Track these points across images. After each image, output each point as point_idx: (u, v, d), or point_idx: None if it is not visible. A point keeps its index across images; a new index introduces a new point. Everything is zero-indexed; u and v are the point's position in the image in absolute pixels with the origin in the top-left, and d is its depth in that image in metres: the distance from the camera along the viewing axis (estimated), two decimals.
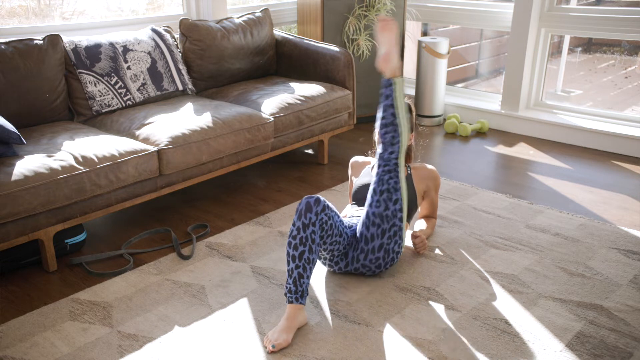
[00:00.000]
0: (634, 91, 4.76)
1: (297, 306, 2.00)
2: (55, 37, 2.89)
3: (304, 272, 2.00)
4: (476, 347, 1.94)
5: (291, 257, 2.02)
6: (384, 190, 2.17)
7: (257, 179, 3.41)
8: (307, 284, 2.01)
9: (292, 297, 2.00)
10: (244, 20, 3.65)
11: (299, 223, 2.04)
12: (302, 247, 2.01)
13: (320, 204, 2.06)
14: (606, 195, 3.13)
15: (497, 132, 4.23)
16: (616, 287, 2.27)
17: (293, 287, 2.00)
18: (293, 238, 2.03)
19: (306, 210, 2.04)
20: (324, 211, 2.07)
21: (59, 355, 1.92)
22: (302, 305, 2.00)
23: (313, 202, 2.06)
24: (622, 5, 3.84)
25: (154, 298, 2.22)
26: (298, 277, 2.00)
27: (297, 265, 2.00)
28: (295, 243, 2.02)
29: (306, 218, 2.03)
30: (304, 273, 2.00)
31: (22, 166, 2.28)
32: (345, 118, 3.61)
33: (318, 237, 2.04)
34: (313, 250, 2.02)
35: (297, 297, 2.00)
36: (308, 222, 2.03)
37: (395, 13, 4.19)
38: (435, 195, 2.60)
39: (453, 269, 2.40)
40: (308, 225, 2.03)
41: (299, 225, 2.03)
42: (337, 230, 2.15)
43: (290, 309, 1.99)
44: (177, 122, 2.79)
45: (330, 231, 2.11)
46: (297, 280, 2.00)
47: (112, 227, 2.85)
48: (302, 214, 2.04)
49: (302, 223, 2.03)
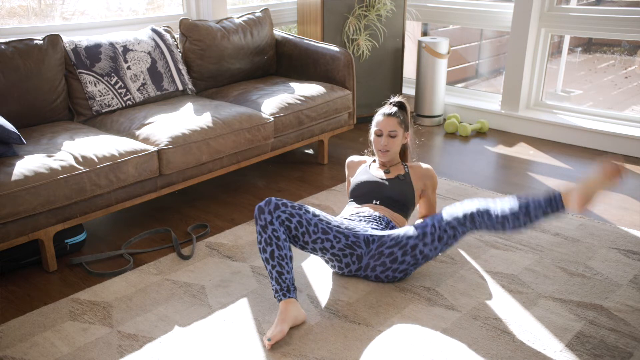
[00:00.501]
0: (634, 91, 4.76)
1: (287, 301, 2.03)
2: (55, 37, 2.89)
3: (282, 268, 2.05)
4: (476, 347, 1.94)
5: (265, 260, 2.08)
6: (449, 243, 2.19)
7: (257, 179, 3.41)
8: (289, 278, 2.05)
9: (279, 295, 2.04)
10: (244, 20, 3.65)
11: (258, 228, 2.09)
12: (270, 247, 2.06)
13: (271, 204, 2.10)
14: (606, 195, 3.13)
15: (497, 132, 4.23)
16: (616, 287, 2.27)
17: (277, 286, 2.04)
18: (259, 243, 2.09)
19: (259, 213, 2.09)
20: (279, 208, 2.09)
21: (59, 355, 1.92)
22: (292, 298, 2.03)
23: (263, 204, 2.10)
24: (622, 5, 3.84)
25: (154, 298, 2.22)
26: (278, 275, 2.04)
27: (272, 265, 2.05)
28: (262, 246, 2.08)
29: (261, 220, 2.08)
30: (282, 270, 2.05)
31: (22, 166, 2.28)
32: (345, 118, 3.61)
33: (282, 234, 2.08)
34: (281, 246, 2.06)
35: (284, 292, 2.03)
36: (265, 223, 2.07)
37: (395, 13, 4.20)
38: (432, 194, 2.60)
39: (453, 269, 2.40)
40: (266, 226, 2.07)
41: (259, 229, 2.09)
42: (315, 227, 2.14)
43: (282, 305, 2.02)
44: (177, 122, 2.79)
45: (302, 228, 2.12)
46: (279, 278, 2.04)
47: (112, 227, 2.85)
48: (257, 219, 2.10)
49: (260, 226, 2.08)
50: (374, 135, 2.52)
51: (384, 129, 2.48)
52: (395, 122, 2.48)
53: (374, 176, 2.51)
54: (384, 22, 4.16)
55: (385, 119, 2.49)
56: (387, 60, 4.30)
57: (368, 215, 2.36)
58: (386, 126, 2.47)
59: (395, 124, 2.47)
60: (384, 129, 2.48)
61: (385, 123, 2.48)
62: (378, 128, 2.49)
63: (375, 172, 2.54)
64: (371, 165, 2.60)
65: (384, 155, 2.50)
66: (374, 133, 2.51)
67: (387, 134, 2.47)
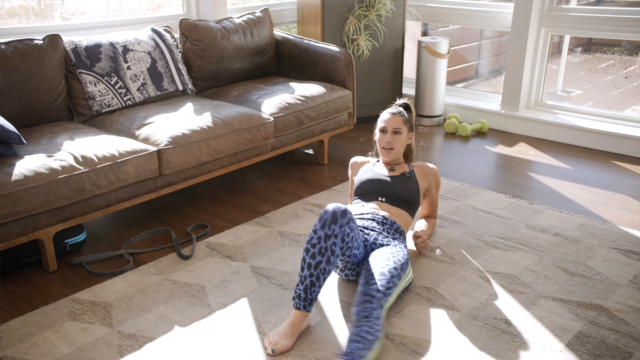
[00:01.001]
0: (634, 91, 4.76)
1: (303, 313, 1.96)
2: (55, 37, 2.89)
3: (317, 281, 1.95)
4: (476, 347, 1.94)
5: (307, 264, 1.95)
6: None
7: (257, 179, 3.41)
8: (317, 292, 1.96)
9: (300, 303, 1.95)
10: (244, 20, 3.65)
11: (321, 232, 1.94)
12: (320, 257, 1.93)
13: (346, 216, 1.97)
14: (606, 195, 3.13)
15: (497, 132, 4.23)
16: (616, 287, 2.27)
17: (303, 294, 1.95)
18: (312, 246, 1.94)
19: (331, 222, 1.94)
20: (349, 224, 1.98)
21: (59, 355, 1.92)
22: (309, 313, 1.98)
23: (340, 214, 1.95)
24: (622, 5, 3.84)
25: (154, 298, 2.22)
26: (310, 285, 1.94)
27: (311, 273, 1.94)
28: (313, 252, 1.94)
29: (329, 229, 1.94)
30: (316, 282, 1.95)
31: (22, 166, 2.28)
32: (345, 118, 3.61)
33: (338, 249, 1.96)
34: (331, 261, 1.95)
35: (305, 304, 1.95)
36: (331, 234, 1.94)
37: (395, 13, 4.19)
38: (435, 194, 2.61)
39: (453, 269, 2.40)
40: (330, 237, 1.94)
41: (321, 234, 1.94)
42: (357, 242, 2.09)
43: (296, 314, 1.96)
44: (177, 122, 2.79)
45: (351, 244, 2.04)
46: (309, 288, 1.95)
47: (112, 227, 2.85)
48: (326, 224, 1.94)
49: (325, 234, 1.94)
50: (378, 133, 2.53)
51: (388, 126, 2.49)
52: (400, 121, 2.49)
53: (379, 174, 2.52)
54: (384, 22, 4.16)
55: (390, 117, 2.50)
56: (387, 60, 4.30)
57: (372, 218, 2.35)
58: (391, 123, 2.49)
59: (400, 122, 2.49)
60: (388, 126, 2.49)
61: (390, 120, 2.49)
62: (383, 125, 2.51)
63: (380, 170, 2.55)
64: (375, 165, 2.61)
65: (388, 154, 2.51)
66: (379, 130, 2.53)
67: (392, 131, 2.48)
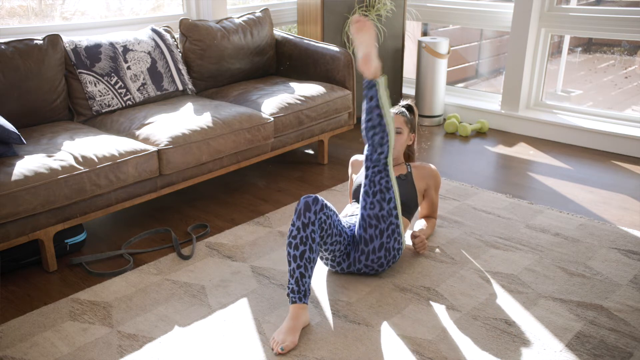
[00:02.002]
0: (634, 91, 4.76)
1: (300, 306, 1.99)
2: (55, 37, 2.89)
3: (306, 271, 2.00)
4: (476, 347, 1.94)
5: (292, 257, 2.01)
6: (376, 191, 2.16)
7: (257, 179, 3.41)
8: (309, 283, 2.01)
9: (295, 297, 1.99)
10: (244, 20, 3.65)
11: (298, 223, 2.03)
12: (303, 247, 2.00)
13: (318, 203, 2.05)
14: (606, 195, 3.13)
15: (497, 132, 4.23)
16: (616, 287, 2.27)
17: (295, 287, 2.00)
18: (293, 238, 2.02)
19: (305, 210, 2.03)
20: (323, 210, 2.06)
21: (59, 355, 1.92)
22: (305, 304, 2.00)
23: (312, 201, 2.05)
24: (622, 5, 3.84)
25: (154, 298, 2.22)
26: (300, 276, 1.99)
27: (298, 265, 2.00)
28: (295, 243, 2.01)
29: (305, 217, 2.02)
30: (305, 272, 2.00)
31: (22, 166, 2.28)
32: (345, 118, 3.61)
33: (318, 236, 2.04)
34: (314, 249, 2.02)
35: (300, 296, 1.99)
36: (307, 222, 2.02)
37: (395, 13, 4.19)
38: (435, 194, 2.61)
39: (453, 269, 2.40)
40: (308, 225, 2.02)
41: (299, 225, 2.02)
42: (337, 229, 2.14)
43: (294, 308, 1.99)
44: (177, 122, 2.79)
45: (330, 230, 2.10)
46: (300, 280, 1.99)
47: (112, 227, 2.85)
48: (301, 214, 2.03)
49: (302, 222, 2.02)
50: None
51: None
52: (402, 121, 2.51)
53: None
54: (384, 22, 4.16)
55: (392, 116, 2.50)
56: (387, 60, 4.30)
57: None
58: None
59: (401, 122, 2.50)
60: None
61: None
62: None
63: None
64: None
65: None
66: None
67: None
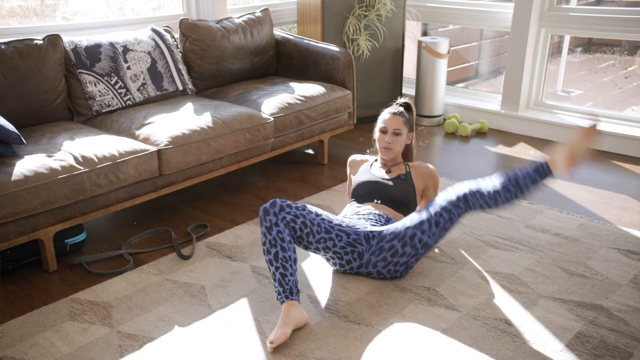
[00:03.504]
0: (634, 91, 4.76)
1: (289, 303, 2.01)
2: (55, 37, 2.89)
3: (285, 270, 2.04)
4: (476, 347, 1.94)
5: (268, 261, 2.06)
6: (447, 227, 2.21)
7: (257, 179, 3.41)
8: (293, 281, 2.04)
9: (282, 297, 2.03)
10: (244, 20, 3.65)
11: (262, 229, 2.08)
12: (274, 249, 2.05)
13: (275, 205, 2.09)
14: (606, 195, 3.13)
15: (497, 132, 4.23)
16: (616, 287, 2.27)
17: (280, 288, 2.03)
18: (263, 244, 2.08)
19: (264, 215, 2.08)
20: (284, 210, 2.09)
21: (59, 355, 1.92)
22: (294, 301, 2.02)
23: (268, 206, 2.09)
24: (622, 5, 3.85)
25: (154, 298, 2.22)
26: (281, 277, 2.03)
27: (276, 267, 2.04)
28: (266, 248, 2.06)
29: (266, 221, 2.07)
30: (285, 272, 2.03)
31: (22, 166, 2.28)
32: (345, 118, 3.61)
33: (287, 235, 2.07)
34: (286, 248, 2.05)
35: (286, 295, 2.02)
36: (270, 225, 2.06)
37: (395, 13, 4.19)
38: (433, 193, 2.60)
39: (453, 269, 2.40)
40: (271, 227, 2.06)
41: (263, 230, 2.08)
42: (318, 227, 2.14)
43: (284, 307, 2.01)
44: (177, 122, 2.79)
45: (307, 229, 2.12)
46: (282, 280, 2.03)
47: (112, 227, 2.85)
48: (261, 220, 2.08)
49: (265, 227, 2.07)
50: (378, 132, 2.54)
51: (389, 127, 2.50)
52: (401, 121, 2.50)
53: (375, 176, 2.52)
54: (384, 22, 4.16)
55: (391, 117, 2.51)
56: (387, 60, 4.30)
57: (368, 213, 2.37)
58: (391, 124, 2.49)
59: (400, 122, 2.50)
60: (389, 127, 2.50)
61: (391, 121, 2.50)
62: (383, 125, 2.52)
63: (377, 172, 2.55)
64: (372, 165, 2.61)
65: (387, 153, 2.51)
66: (379, 130, 2.53)
67: (392, 132, 2.49)
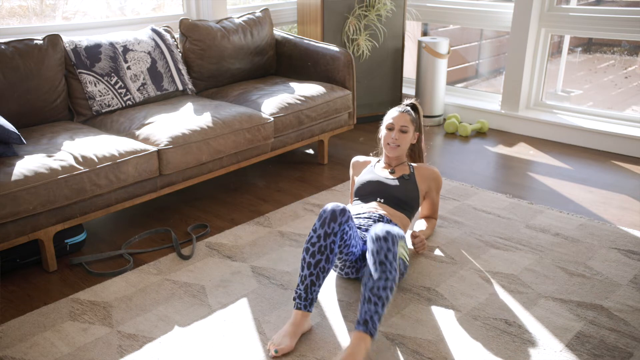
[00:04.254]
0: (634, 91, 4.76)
1: (304, 313, 1.96)
2: (55, 37, 2.89)
3: (317, 280, 1.95)
4: (476, 347, 1.94)
5: (307, 263, 1.96)
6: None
7: (257, 179, 3.41)
8: (317, 292, 1.97)
9: (300, 303, 1.96)
10: (244, 20, 3.65)
11: (320, 231, 1.95)
12: (320, 256, 1.95)
13: (345, 215, 1.97)
14: (606, 195, 3.13)
15: (497, 132, 4.23)
16: (616, 287, 2.27)
17: (303, 294, 1.96)
18: (312, 245, 1.96)
19: (330, 220, 1.96)
20: (348, 222, 1.99)
21: (59, 355, 1.92)
22: (309, 313, 1.97)
23: (339, 212, 1.96)
24: (622, 5, 3.84)
25: (154, 298, 2.22)
26: (310, 284, 1.95)
27: (311, 272, 1.95)
28: (313, 250, 1.95)
29: (329, 227, 1.95)
30: (316, 281, 1.95)
31: (22, 166, 2.28)
32: (345, 118, 3.61)
33: (337, 247, 1.98)
34: (330, 260, 1.96)
35: (306, 304, 1.96)
36: (330, 232, 1.95)
37: (395, 13, 4.19)
38: (436, 195, 2.61)
39: (453, 269, 2.40)
40: (329, 235, 1.95)
41: (321, 233, 1.95)
42: (355, 240, 2.09)
43: (297, 315, 1.96)
44: (177, 122, 2.79)
45: (349, 242, 2.05)
46: (309, 288, 1.95)
47: (112, 227, 2.85)
48: (325, 222, 1.96)
49: (325, 232, 1.95)
50: (385, 130, 2.54)
51: (396, 123, 2.50)
52: (408, 119, 2.51)
53: (378, 175, 2.52)
54: (384, 22, 4.16)
55: (399, 114, 2.52)
56: (387, 60, 4.30)
57: (368, 217, 2.36)
58: (399, 121, 2.50)
59: (407, 120, 2.51)
60: (396, 123, 2.50)
61: (398, 118, 2.51)
62: (390, 122, 2.52)
63: (380, 172, 2.55)
64: (376, 166, 2.61)
65: (393, 150, 2.51)
66: (385, 127, 2.54)
67: (399, 129, 2.50)
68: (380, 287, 1.83)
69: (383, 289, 1.83)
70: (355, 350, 1.78)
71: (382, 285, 1.83)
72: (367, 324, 1.81)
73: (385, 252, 1.87)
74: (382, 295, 1.82)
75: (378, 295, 1.82)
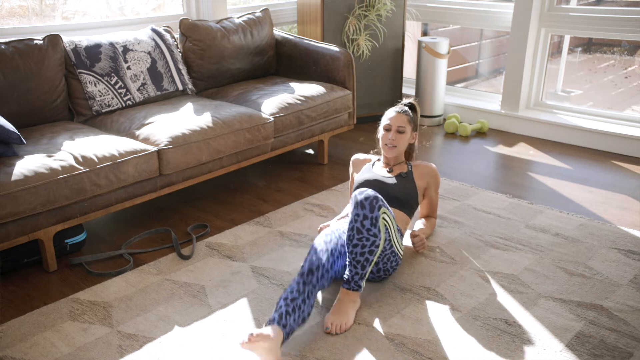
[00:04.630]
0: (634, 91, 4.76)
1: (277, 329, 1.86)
2: (55, 37, 2.89)
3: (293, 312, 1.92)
4: (476, 347, 1.94)
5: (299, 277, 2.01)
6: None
7: (257, 179, 3.41)
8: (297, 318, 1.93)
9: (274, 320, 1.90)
10: (244, 20, 3.65)
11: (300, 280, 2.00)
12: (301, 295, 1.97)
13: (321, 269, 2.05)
14: (606, 195, 3.13)
15: (497, 132, 4.23)
16: (616, 287, 2.27)
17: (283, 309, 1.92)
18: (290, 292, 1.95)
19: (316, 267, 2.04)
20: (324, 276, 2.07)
21: (59, 355, 1.92)
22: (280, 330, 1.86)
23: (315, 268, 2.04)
24: (622, 5, 3.85)
25: (154, 298, 2.22)
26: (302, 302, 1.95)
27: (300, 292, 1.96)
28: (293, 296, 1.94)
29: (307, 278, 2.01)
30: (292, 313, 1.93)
31: (22, 166, 2.28)
32: (345, 118, 3.61)
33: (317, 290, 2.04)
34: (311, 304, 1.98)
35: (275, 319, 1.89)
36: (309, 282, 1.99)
37: (395, 13, 4.20)
38: (435, 193, 2.61)
39: (453, 269, 2.40)
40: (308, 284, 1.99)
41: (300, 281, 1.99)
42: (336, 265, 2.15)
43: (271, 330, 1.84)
44: (177, 122, 2.79)
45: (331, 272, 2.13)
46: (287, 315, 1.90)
47: (112, 227, 2.85)
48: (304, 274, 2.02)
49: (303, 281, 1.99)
50: (382, 130, 2.54)
51: (393, 124, 2.51)
52: (405, 120, 2.51)
53: (377, 174, 2.53)
54: (384, 22, 4.16)
55: (395, 115, 2.52)
56: (387, 60, 4.30)
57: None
58: (396, 121, 2.51)
59: (405, 121, 2.51)
60: (393, 124, 2.51)
61: (395, 119, 2.51)
62: (387, 122, 2.53)
63: (379, 171, 2.56)
64: (375, 164, 2.62)
65: (390, 151, 2.52)
66: (383, 128, 2.55)
67: (396, 129, 2.50)
68: (358, 253, 2.03)
69: (361, 254, 2.03)
70: (343, 304, 2.05)
71: (359, 251, 2.03)
72: (349, 283, 2.06)
73: (362, 220, 2.02)
74: (361, 260, 2.03)
75: (357, 260, 2.04)
